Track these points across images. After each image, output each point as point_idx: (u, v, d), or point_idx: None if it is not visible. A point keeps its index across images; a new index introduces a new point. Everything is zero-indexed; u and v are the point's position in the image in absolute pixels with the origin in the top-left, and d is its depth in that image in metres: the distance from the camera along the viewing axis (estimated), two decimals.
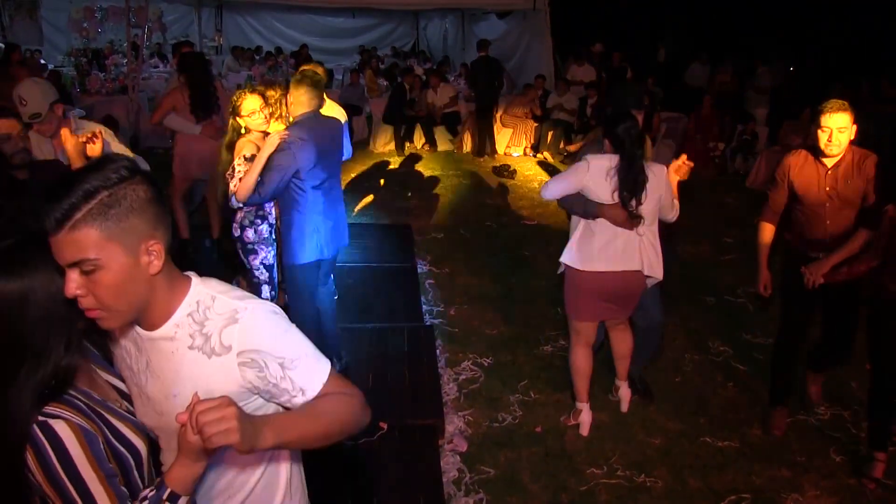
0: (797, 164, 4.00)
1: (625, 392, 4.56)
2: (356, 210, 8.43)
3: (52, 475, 1.47)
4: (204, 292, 1.60)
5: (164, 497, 1.47)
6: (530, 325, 5.66)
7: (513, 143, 12.08)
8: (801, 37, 15.65)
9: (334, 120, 4.53)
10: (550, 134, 11.53)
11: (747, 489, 3.91)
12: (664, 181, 3.91)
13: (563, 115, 11.64)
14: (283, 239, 4.29)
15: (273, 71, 13.76)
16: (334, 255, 4.49)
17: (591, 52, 13.58)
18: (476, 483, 3.87)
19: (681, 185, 4.05)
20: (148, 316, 1.56)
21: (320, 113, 4.29)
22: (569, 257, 4.03)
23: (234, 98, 4.28)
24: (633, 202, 3.78)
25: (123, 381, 1.71)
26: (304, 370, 1.60)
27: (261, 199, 4.05)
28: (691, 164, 3.98)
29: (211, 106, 6.10)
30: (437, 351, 5.16)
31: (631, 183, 3.77)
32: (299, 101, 4.13)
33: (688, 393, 4.82)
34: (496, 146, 11.94)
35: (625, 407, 4.56)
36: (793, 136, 9.87)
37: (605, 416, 4.49)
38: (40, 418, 1.46)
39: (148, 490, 1.51)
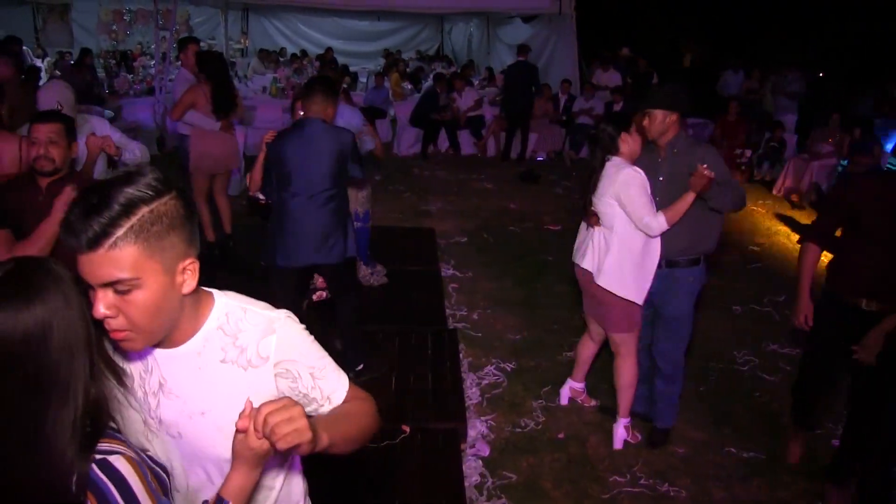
0: (872, 190, 3.35)
1: (617, 430, 4.23)
2: (380, 213, 8.43)
3: None
4: (233, 304, 1.56)
5: None
6: (553, 330, 5.64)
7: (537, 148, 12.07)
8: (828, 41, 15.50)
9: (327, 135, 4.18)
10: (573, 139, 11.52)
11: (773, 502, 3.86)
12: (620, 184, 3.70)
13: (588, 119, 11.61)
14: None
15: (298, 74, 13.83)
16: (306, 267, 4.42)
17: (617, 57, 13.55)
18: (498, 488, 3.84)
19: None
20: (172, 333, 1.48)
21: (322, 120, 4.16)
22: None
23: None
24: (588, 198, 3.89)
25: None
26: (330, 379, 1.62)
27: (264, 191, 4.30)
28: (710, 176, 3.53)
29: (230, 103, 6.20)
30: (460, 355, 5.15)
31: (585, 179, 3.95)
32: (307, 106, 4.18)
33: (712, 402, 4.77)
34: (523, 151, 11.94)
35: (616, 444, 4.22)
36: (821, 144, 9.77)
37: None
38: (97, 457, 1.33)
39: None
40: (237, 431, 1.34)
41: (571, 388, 4.63)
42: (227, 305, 1.55)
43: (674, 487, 3.90)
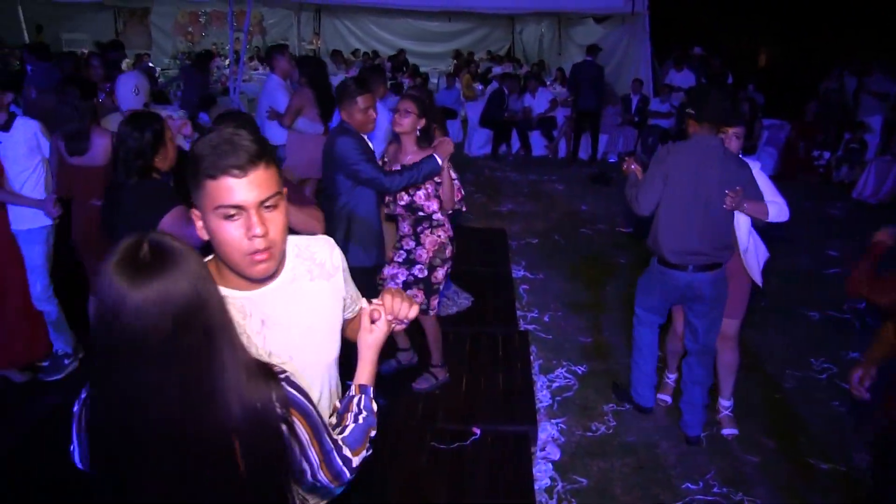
0: None
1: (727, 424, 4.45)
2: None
3: (316, 426, 1.57)
4: (292, 238, 1.81)
5: (371, 395, 1.79)
6: (625, 334, 5.59)
7: (608, 149, 11.99)
8: None
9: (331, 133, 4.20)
10: (645, 141, 11.38)
11: None
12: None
13: (662, 120, 11.47)
14: None
15: None
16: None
17: (691, 57, 13.30)
18: (568, 493, 3.86)
19: (782, 193, 3.99)
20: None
21: (343, 125, 4.06)
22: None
23: None
24: None
25: None
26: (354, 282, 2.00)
27: None
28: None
29: (333, 108, 6.25)
30: (531, 357, 5.17)
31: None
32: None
33: (787, 410, 4.68)
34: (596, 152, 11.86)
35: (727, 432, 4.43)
36: None
37: (700, 430, 4.40)
38: (281, 376, 1.52)
39: (349, 402, 1.79)
40: (371, 323, 1.79)
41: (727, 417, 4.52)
42: (290, 241, 1.80)
43: (749, 497, 3.84)
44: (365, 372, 1.80)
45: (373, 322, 1.80)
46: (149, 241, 1.34)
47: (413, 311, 1.79)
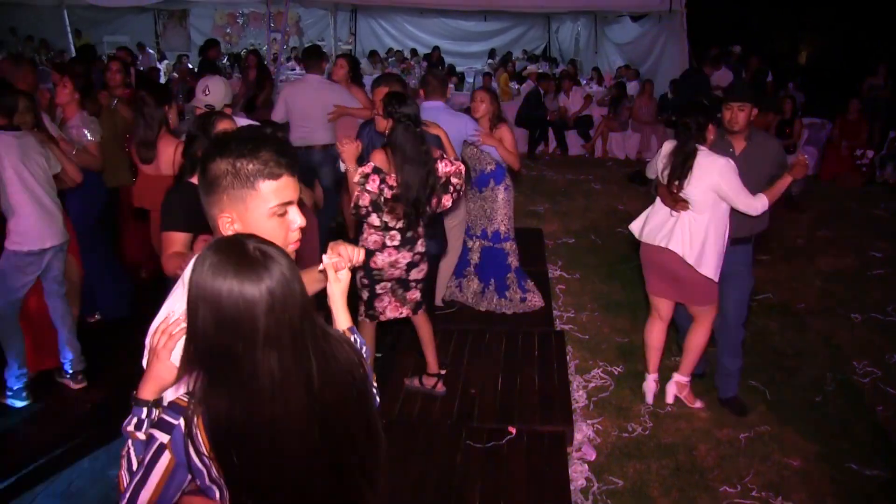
0: None
1: (670, 386, 4.63)
2: None
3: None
4: None
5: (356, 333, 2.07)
6: None
7: (643, 148, 11.88)
8: None
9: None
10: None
11: None
12: (719, 173, 3.94)
13: None
14: None
15: (406, 74, 14.02)
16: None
17: (729, 56, 13.09)
18: (604, 494, 3.83)
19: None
20: None
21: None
22: (634, 225, 4.47)
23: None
24: (676, 184, 4.05)
25: None
26: None
27: None
28: (805, 162, 4.06)
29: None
30: (567, 357, 5.15)
31: (676, 167, 4.05)
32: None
33: (829, 414, 4.59)
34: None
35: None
36: None
37: (738, 432, 4.35)
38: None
39: None
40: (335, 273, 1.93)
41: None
42: None
43: (788, 502, 3.78)
44: (344, 316, 1.98)
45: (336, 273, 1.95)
46: (250, 240, 1.48)
47: (360, 254, 2.01)
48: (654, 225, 4.29)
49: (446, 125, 4.76)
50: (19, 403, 4.39)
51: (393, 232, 4.04)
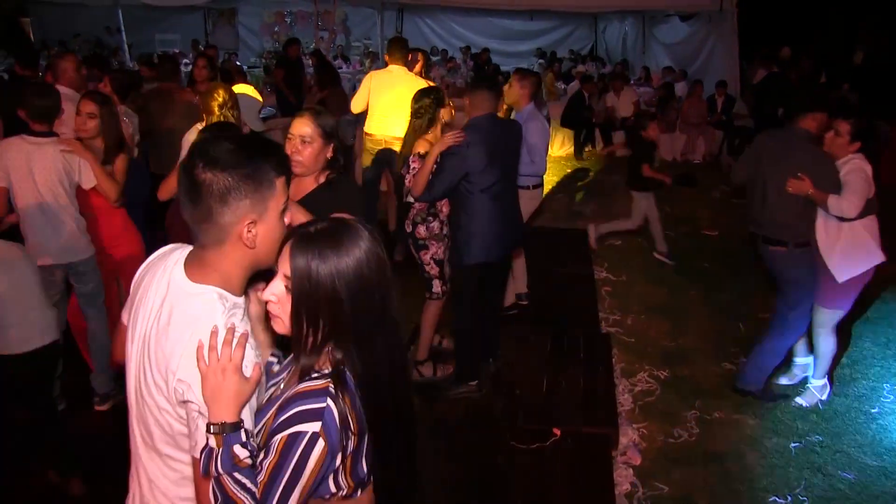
0: None
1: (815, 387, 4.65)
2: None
3: None
4: None
5: None
6: (709, 339, 5.46)
7: (688, 150, 11.70)
8: None
9: (513, 123, 4.59)
10: (731, 142, 11.07)
11: None
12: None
13: (748, 122, 11.11)
14: (451, 239, 4.42)
15: (452, 73, 14.01)
16: (501, 259, 4.54)
17: (779, 57, 12.82)
18: (649, 499, 3.77)
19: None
20: None
21: (496, 115, 4.34)
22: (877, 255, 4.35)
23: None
24: None
25: None
26: None
27: (431, 197, 4.22)
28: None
29: None
30: (613, 360, 5.09)
31: None
32: (475, 103, 4.23)
33: (888, 426, 4.45)
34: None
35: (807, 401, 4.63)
36: None
37: (788, 442, 4.24)
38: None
39: None
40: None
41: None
42: None
43: None
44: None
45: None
46: (313, 224, 1.61)
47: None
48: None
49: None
50: None
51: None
